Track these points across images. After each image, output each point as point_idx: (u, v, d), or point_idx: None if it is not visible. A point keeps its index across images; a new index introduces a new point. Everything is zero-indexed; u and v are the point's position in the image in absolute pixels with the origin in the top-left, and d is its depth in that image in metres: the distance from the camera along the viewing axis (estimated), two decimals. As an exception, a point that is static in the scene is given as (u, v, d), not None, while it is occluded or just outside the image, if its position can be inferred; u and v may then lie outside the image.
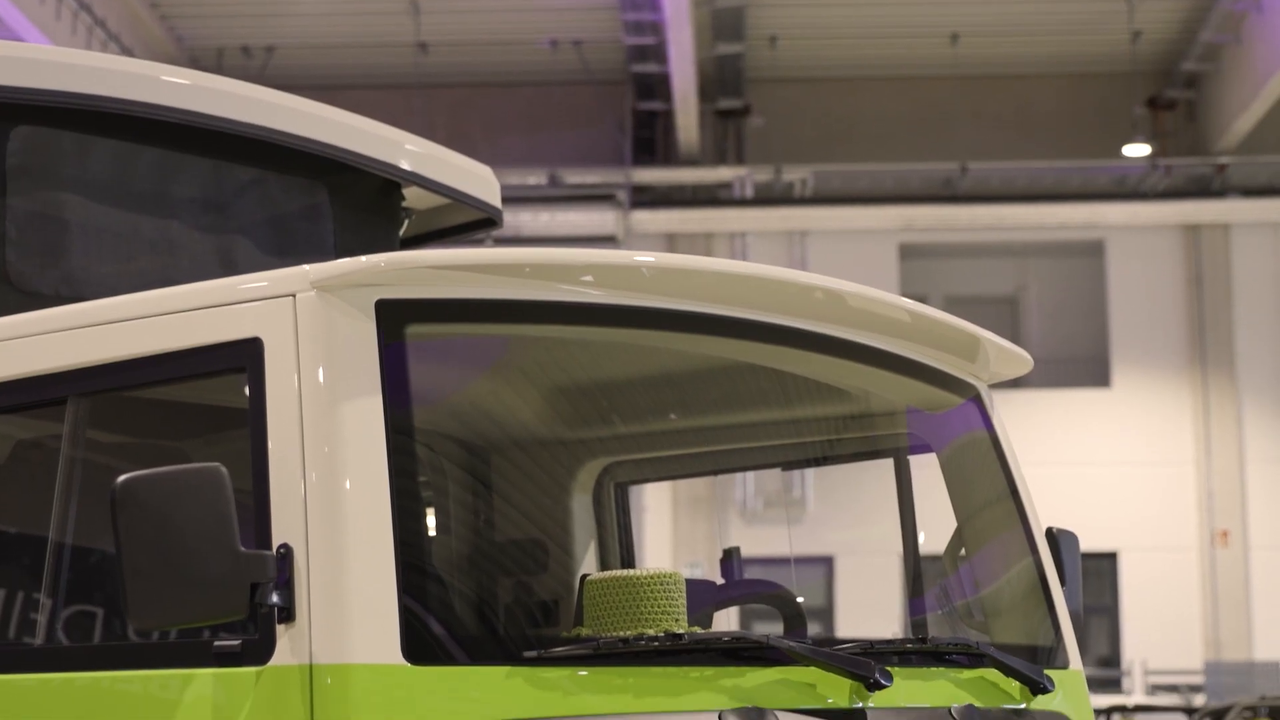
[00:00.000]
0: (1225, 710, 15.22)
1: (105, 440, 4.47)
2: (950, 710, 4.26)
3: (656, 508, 26.95)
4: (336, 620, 3.52)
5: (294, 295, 3.76)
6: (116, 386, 4.09)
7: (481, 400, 4.93)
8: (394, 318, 3.78)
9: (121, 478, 3.54)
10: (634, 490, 5.95)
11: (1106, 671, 27.89)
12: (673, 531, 27.21)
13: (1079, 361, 28.94)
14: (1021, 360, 5.00)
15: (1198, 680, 26.60)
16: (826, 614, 27.14)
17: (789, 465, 5.76)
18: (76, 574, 4.27)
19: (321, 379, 3.68)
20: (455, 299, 3.89)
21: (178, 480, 3.53)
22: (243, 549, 3.53)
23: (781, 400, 5.00)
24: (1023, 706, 4.51)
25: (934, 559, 4.90)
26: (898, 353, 4.71)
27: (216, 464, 3.57)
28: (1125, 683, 27.40)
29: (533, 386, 4.97)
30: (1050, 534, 4.95)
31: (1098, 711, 20.66)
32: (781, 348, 4.46)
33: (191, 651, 3.73)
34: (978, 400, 4.95)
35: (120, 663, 3.89)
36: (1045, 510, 5.03)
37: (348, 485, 3.62)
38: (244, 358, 3.79)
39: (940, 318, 4.72)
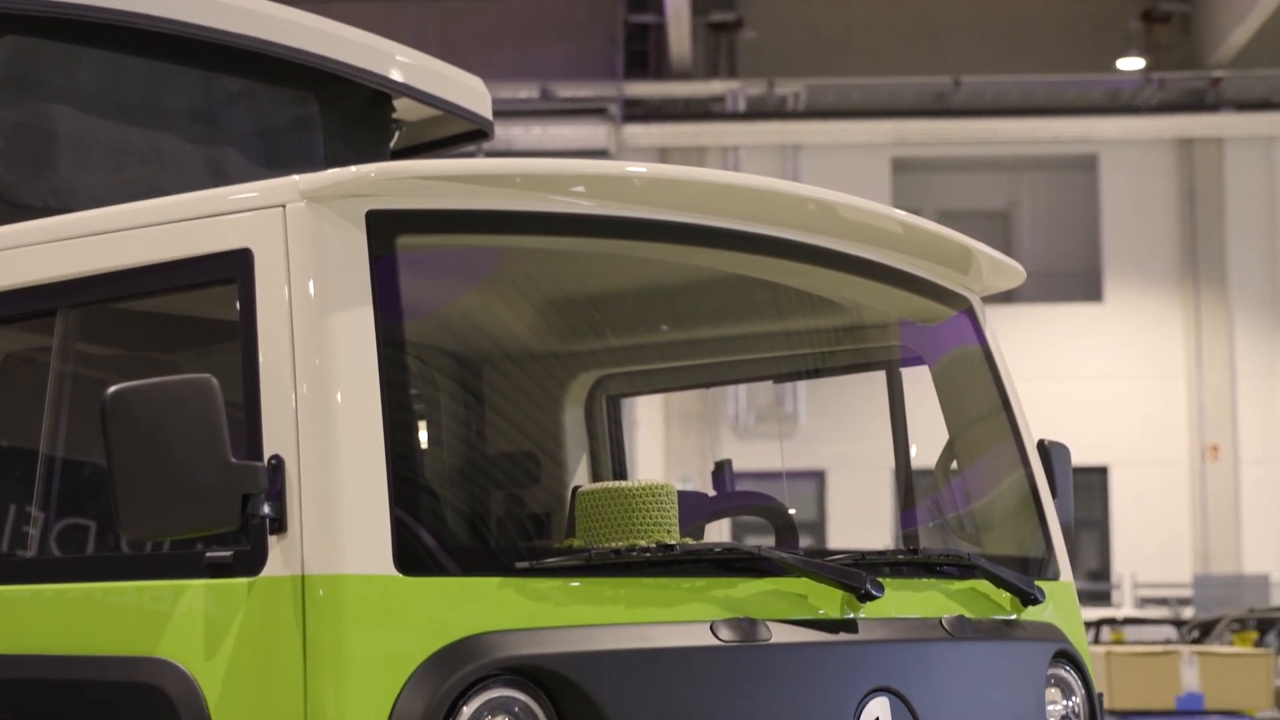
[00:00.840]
0: (1213, 622, 15.31)
1: (95, 352, 4.46)
2: (941, 621, 4.27)
3: (648, 422, 26.98)
4: (328, 531, 3.52)
5: (283, 206, 3.74)
6: (106, 298, 4.07)
7: (473, 312, 4.91)
8: (384, 228, 3.76)
9: (112, 388, 3.53)
10: (626, 404, 5.95)
11: (1096, 585, 28.03)
12: (664, 446, 27.26)
13: (1071, 276, 28.92)
14: (1014, 272, 4.99)
15: (1187, 593, 26.74)
16: (818, 528, 27.24)
17: (781, 378, 5.75)
18: (68, 486, 4.26)
19: (311, 290, 3.66)
20: (446, 210, 3.87)
21: (168, 391, 3.52)
22: (234, 460, 3.52)
23: (774, 313, 4.99)
24: (1013, 617, 4.52)
25: (926, 473, 4.90)
26: (890, 264, 4.69)
27: (207, 375, 3.56)
28: (1115, 596, 27.55)
29: (524, 298, 4.96)
30: (1042, 446, 4.95)
31: (1087, 624, 20.76)
32: (774, 259, 4.44)
33: (184, 563, 3.73)
34: (970, 312, 4.94)
35: (113, 574, 3.89)
36: (1036, 425, 5.03)
37: (339, 398, 3.61)
38: (234, 269, 3.77)
39: (933, 229, 4.71)
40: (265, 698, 3.49)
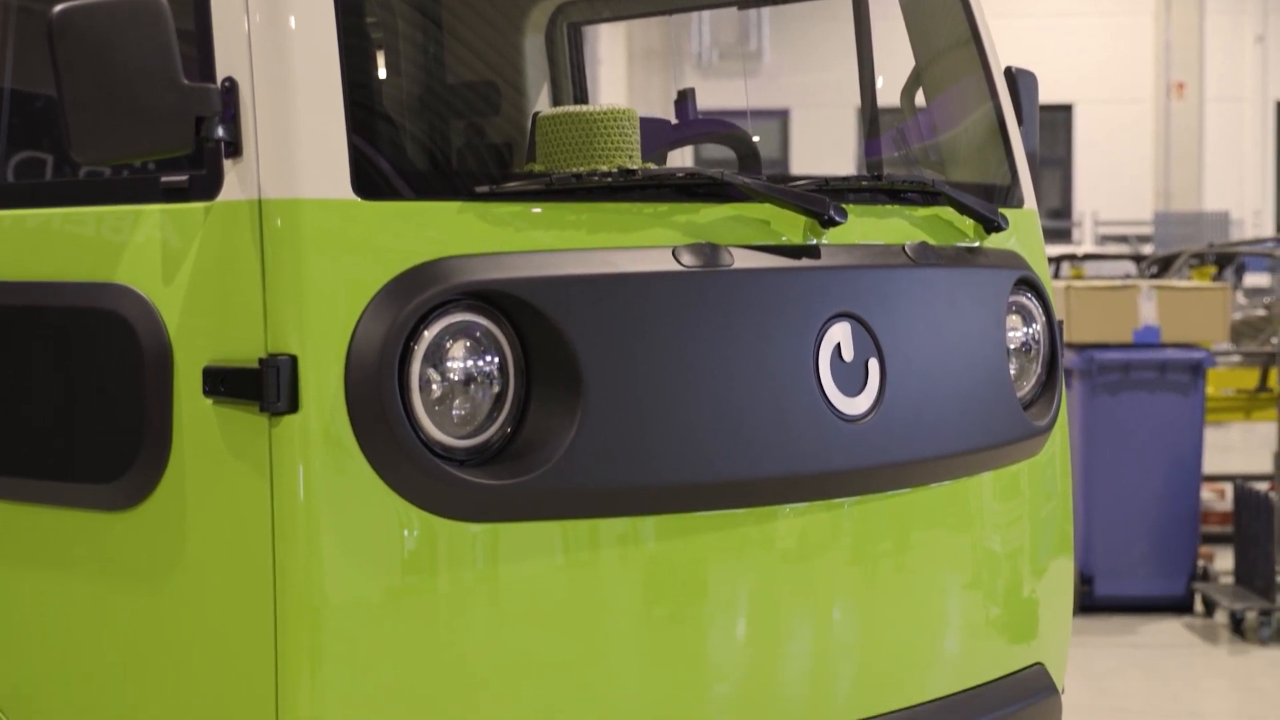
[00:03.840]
0: (1172, 258, 15.40)
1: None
2: (904, 247, 4.25)
3: (611, 60, 26.74)
4: (284, 155, 3.46)
5: None
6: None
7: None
8: None
9: (58, 7, 3.44)
10: (588, 40, 5.85)
11: (1058, 222, 28.21)
12: (628, 84, 27.07)
13: (1041, -90, 28.49)
14: (985, -108, 4.86)
15: (1147, 231, 26.94)
16: (781, 165, 27.24)
17: (745, 4, 5.64)
18: (20, 115, 4.20)
19: (262, -92, 3.54)
20: None
21: (116, 9, 3.42)
22: (186, 82, 3.45)
23: (738, -65, 4.88)
24: (976, 244, 4.51)
25: (892, 110, 4.84)
26: (857, -117, 4.57)
27: (156, -6, 3.46)
28: (1076, 234, 27.77)
29: (482, -80, 4.84)
30: (1009, 73, 4.89)
31: (1048, 260, 20.95)
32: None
33: (140, 188, 3.68)
34: (939, -65, 4.83)
35: (69, 200, 3.84)
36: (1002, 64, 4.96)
37: (292, 21, 3.52)
38: (180, -116, 3.64)
39: None
40: (225, 322, 3.48)
